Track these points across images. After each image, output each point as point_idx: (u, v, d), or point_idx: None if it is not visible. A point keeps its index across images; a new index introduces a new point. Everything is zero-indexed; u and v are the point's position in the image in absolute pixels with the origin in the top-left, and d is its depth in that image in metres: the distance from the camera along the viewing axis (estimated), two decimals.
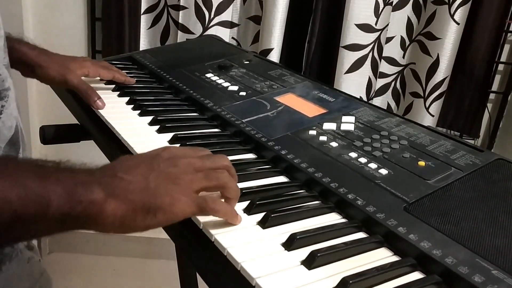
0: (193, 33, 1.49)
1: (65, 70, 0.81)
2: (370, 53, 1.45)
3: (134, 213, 0.44)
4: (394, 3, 1.47)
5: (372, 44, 1.44)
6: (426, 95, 1.53)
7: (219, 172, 0.50)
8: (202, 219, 0.49)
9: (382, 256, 0.47)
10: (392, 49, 1.55)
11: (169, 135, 0.70)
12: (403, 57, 1.58)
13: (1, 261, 0.57)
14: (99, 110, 0.79)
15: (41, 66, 0.79)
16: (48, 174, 0.42)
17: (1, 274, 0.56)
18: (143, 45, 1.56)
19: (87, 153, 0.75)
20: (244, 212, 0.52)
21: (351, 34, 1.42)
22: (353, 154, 0.63)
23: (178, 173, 0.47)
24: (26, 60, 0.77)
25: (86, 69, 0.85)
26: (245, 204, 0.53)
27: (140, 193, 0.44)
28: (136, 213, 0.44)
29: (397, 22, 1.52)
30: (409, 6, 1.52)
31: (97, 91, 0.82)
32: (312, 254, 0.44)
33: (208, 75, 0.94)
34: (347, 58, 1.44)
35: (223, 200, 0.51)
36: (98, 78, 0.88)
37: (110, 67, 0.91)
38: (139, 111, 0.80)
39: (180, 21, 1.48)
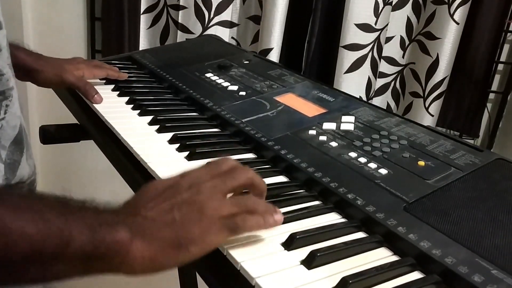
0: (192, 33, 1.49)
1: (61, 71, 0.83)
2: (370, 53, 1.44)
3: (164, 251, 0.42)
4: (393, 3, 1.47)
5: (371, 44, 1.44)
6: (425, 95, 1.53)
7: (246, 198, 0.49)
8: None
9: (381, 256, 0.47)
10: (392, 49, 1.55)
11: (169, 135, 0.70)
12: (403, 57, 1.58)
13: None
14: (99, 110, 0.79)
15: (37, 71, 0.81)
16: (71, 211, 0.40)
17: None
18: (143, 45, 1.56)
19: (87, 153, 0.74)
20: None
21: (351, 34, 1.42)
22: (352, 154, 0.63)
23: (203, 200, 0.45)
24: (23, 65, 0.79)
25: (81, 70, 0.86)
26: None
27: (166, 229, 0.42)
28: (167, 250, 0.42)
29: (396, 22, 1.52)
30: (408, 6, 1.51)
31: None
32: (312, 254, 0.45)
33: (208, 75, 0.94)
34: (347, 58, 1.44)
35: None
36: (93, 77, 0.89)
37: (102, 65, 0.92)
38: (138, 111, 0.80)
39: (179, 21, 1.48)
